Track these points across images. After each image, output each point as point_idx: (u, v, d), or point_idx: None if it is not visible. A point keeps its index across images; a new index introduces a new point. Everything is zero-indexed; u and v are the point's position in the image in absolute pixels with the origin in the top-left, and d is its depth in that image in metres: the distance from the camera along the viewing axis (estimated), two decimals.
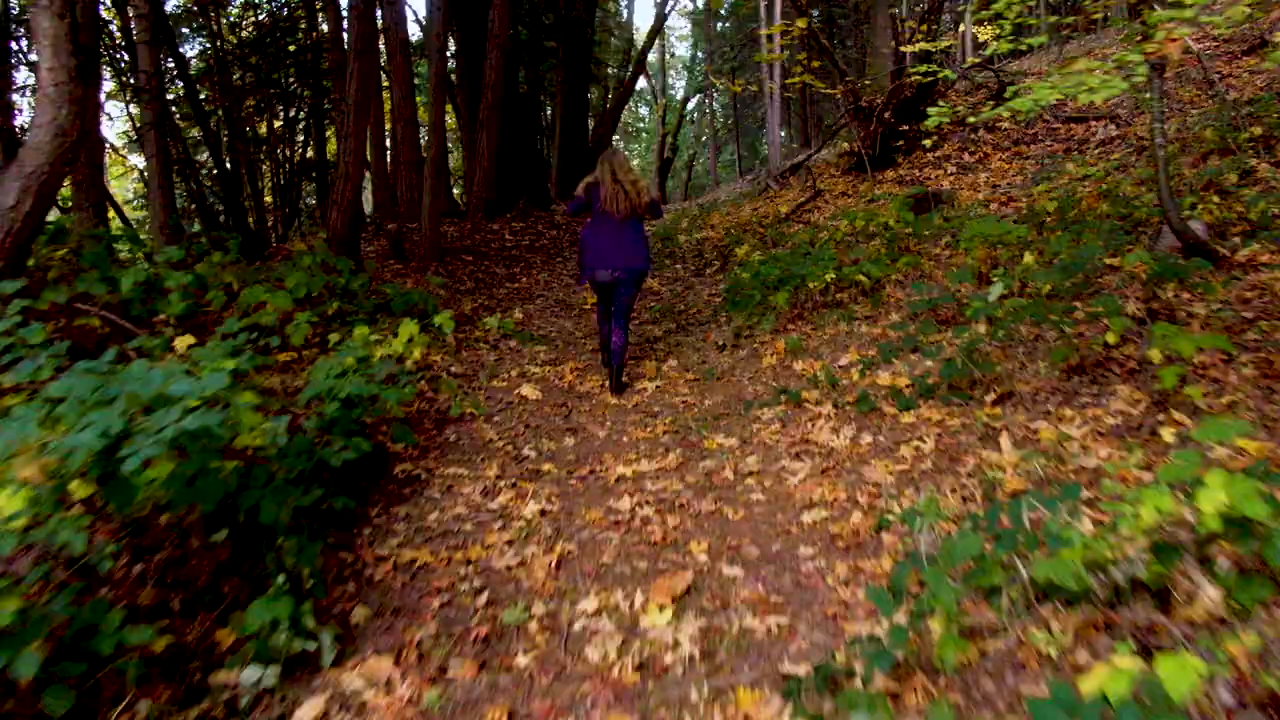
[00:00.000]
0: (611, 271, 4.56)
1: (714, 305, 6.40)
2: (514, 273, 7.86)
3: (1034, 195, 8.06)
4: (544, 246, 9.38)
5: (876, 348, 4.60)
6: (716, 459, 3.63)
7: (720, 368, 4.86)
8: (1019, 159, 10.44)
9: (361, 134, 5.79)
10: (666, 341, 5.53)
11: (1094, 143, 10.10)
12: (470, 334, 5.58)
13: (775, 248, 8.78)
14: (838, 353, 4.73)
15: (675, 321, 6.06)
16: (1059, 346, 3.69)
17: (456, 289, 6.77)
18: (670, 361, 5.06)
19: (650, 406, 4.41)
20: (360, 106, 5.78)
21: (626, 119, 33.29)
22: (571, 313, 6.56)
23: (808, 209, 10.67)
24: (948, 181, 10.34)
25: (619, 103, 19.87)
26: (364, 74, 5.81)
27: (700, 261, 8.36)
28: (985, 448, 3.27)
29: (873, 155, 11.08)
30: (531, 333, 5.70)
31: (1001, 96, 11.63)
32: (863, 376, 4.28)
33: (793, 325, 5.36)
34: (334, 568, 2.75)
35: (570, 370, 5.01)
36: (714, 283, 7.29)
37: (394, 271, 6.92)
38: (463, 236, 9.21)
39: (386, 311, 5.09)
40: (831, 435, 3.70)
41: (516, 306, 6.55)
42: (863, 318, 5.28)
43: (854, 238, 7.19)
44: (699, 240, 9.59)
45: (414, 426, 4.04)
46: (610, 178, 4.55)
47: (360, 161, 5.82)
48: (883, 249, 6.72)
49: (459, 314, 5.82)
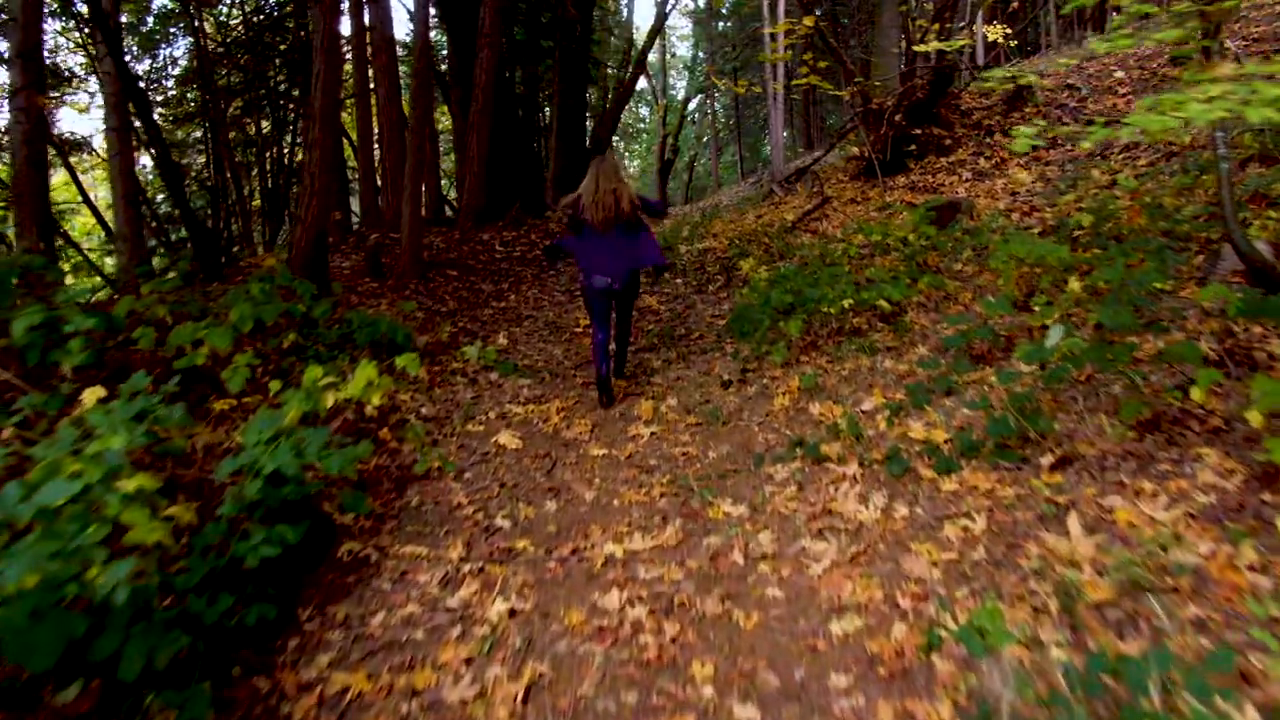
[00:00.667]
0: (607, 281, 4.41)
1: (718, 329, 5.80)
2: (501, 289, 7.26)
3: (1061, 206, 7.47)
4: (536, 258, 8.78)
5: (904, 389, 4.02)
6: (723, 534, 3.04)
7: (726, 409, 4.27)
8: (1038, 164, 9.84)
9: (328, 142, 5.21)
10: (665, 374, 4.93)
11: (1117, 147, 9.49)
12: (446, 366, 4.99)
13: (782, 260, 8.19)
14: (859, 393, 4.13)
15: (676, 348, 5.46)
16: (1128, 400, 3.10)
17: (436, 310, 6.17)
18: (669, 400, 4.47)
19: (646, 458, 3.82)
20: (326, 112, 5.19)
21: (627, 120, 32.69)
22: (562, 336, 5.97)
23: (815, 217, 10.08)
24: (963, 189, 9.74)
25: (618, 104, 19.25)
26: (330, 76, 5.21)
27: (702, 276, 7.77)
28: (1049, 531, 2.68)
29: (883, 160, 10.49)
30: (515, 363, 5.11)
31: (1021, 97, 11.06)
32: (891, 426, 3.69)
33: (806, 357, 4.77)
34: (243, 703, 2.16)
35: (556, 411, 4.42)
36: (717, 301, 6.70)
37: (369, 291, 6.33)
38: (449, 248, 8.61)
39: (350, 343, 4.50)
40: (859, 504, 3.11)
41: (501, 330, 5.95)
42: (885, 349, 4.69)
43: (869, 252, 6.59)
44: (701, 251, 9.00)
45: (371, 488, 3.45)
46: (592, 189, 4.40)
47: (327, 173, 5.24)
48: (901, 267, 6.13)
49: (435, 342, 5.23)
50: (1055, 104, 10.74)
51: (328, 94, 5.22)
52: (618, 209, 4.38)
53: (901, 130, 10.64)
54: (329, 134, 5.24)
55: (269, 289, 4.58)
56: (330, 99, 5.24)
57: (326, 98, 5.20)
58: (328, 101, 5.23)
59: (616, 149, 32.43)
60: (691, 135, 32.71)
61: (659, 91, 30.10)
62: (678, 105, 30.04)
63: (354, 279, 6.64)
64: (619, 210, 4.39)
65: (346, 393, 3.52)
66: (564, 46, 14.83)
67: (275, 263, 4.95)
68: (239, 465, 2.59)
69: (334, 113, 5.23)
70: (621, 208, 4.40)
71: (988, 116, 10.96)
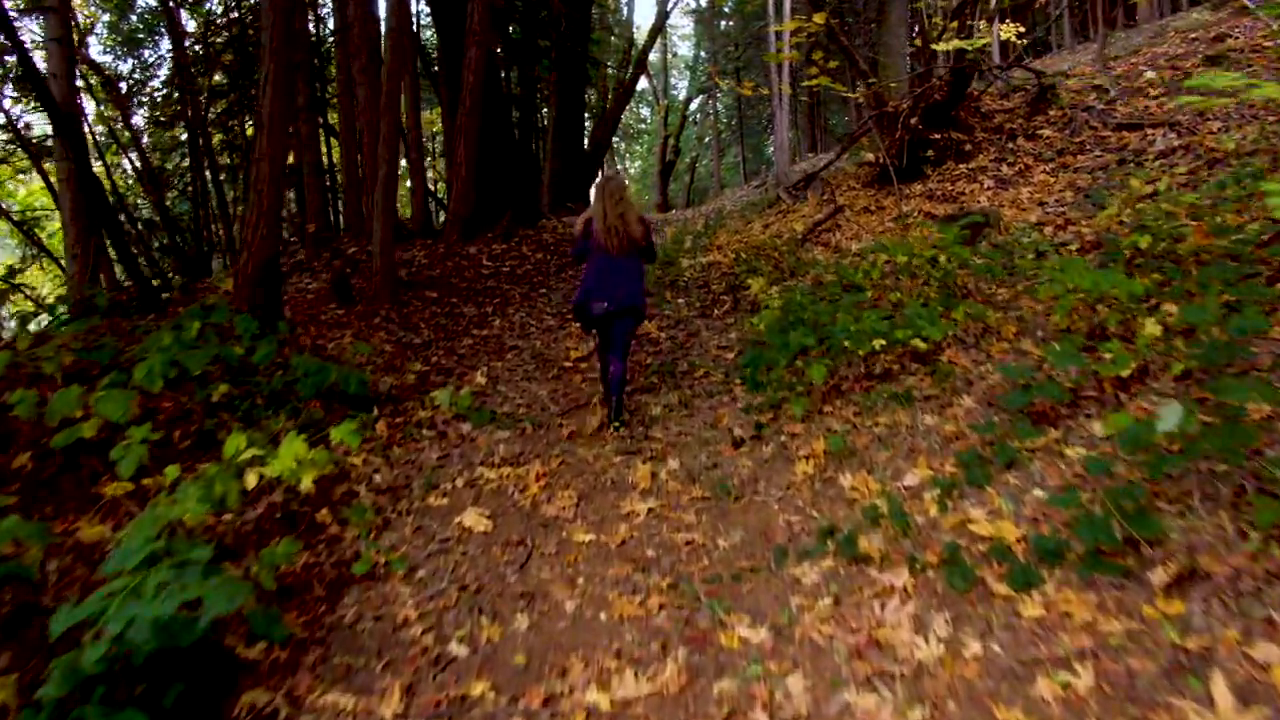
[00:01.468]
0: (606, 305, 4.24)
1: (725, 364, 5.08)
2: (485, 313, 6.53)
3: (1101, 220, 6.74)
4: (527, 274, 8.04)
5: (954, 456, 3.30)
6: (739, 675, 2.32)
7: (738, 477, 3.55)
8: (1065, 171, 9.11)
9: (278, 155, 4.48)
10: (666, 426, 4.20)
11: (1152, 154, 8.74)
12: (412, 415, 4.26)
13: (793, 277, 7.47)
14: (898, 460, 3.41)
15: (678, 390, 4.73)
16: (1264, 505, 2.37)
17: (408, 342, 5.45)
18: (670, 462, 3.75)
19: (642, 545, 3.10)
20: (276, 120, 4.47)
21: (627, 120, 31.96)
22: (549, 372, 5.24)
23: (827, 228, 9.35)
24: (986, 198, 9.01)
25: (619, 104, 18.53)
26: (281, 80, 4.49)
27: (706, 296, 7.04)
28: (1182, 693, 1.97)
29: (898, 166, 9.75)
30: (493, 410, 4.39)
31: (1045, 99, 10.32)
32: (943, 510, 2.97)
33: (830, 406, 4.04)
34: None
35: (536, 476, 3.69)
36: (724, 328, 5.97)
37: (333, 320, 5.60)
38: (432, 263, 7.88)
39: (293, 395, 3.78)
40: (915, 633, 2.39)
41: (481, 366, 5.23)
42: (923, 397, 3.96)
43: (891, 271, 5.86)
44: (705, 266, 8.27)
45: (296, 596, 2.73)
46: (602, 215, 4.26)
47: (276, 189, 4.52)
48: (931, 292, 5.40)
49: (401, 386, 4.51)
50: (1081, 106, 9.99)
51: (279, 100, 4.49)
52: (630, 233, 4.28)
53: (918, 134, 9.89)
54: (279, 146, 4.52)
55: (202, 328, 3.86)
56: (281, 106, 4.52)
57: (277, 105, 4.48)
58: (278, 109, 4.50)
59: (616, 150, 31.71)
60: (693, 136, 31.98)
61: (660, 92, 29.36)
62: (679, 106, 29.31)
63: (318, 305, 5.91)
64: (631, 235, 4.28)
65: (273, 470, 2.80)
66: (560, 45, 14.09)
67: (213, 297, 4.22)
68: (79, 617, 1.87)
69: (284, 123, 4.51)
70: (633, 232, 4.29)
71: (1009, 119, 10.21)
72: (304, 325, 5.30)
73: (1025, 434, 3.26)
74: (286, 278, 6.78)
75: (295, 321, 5.20)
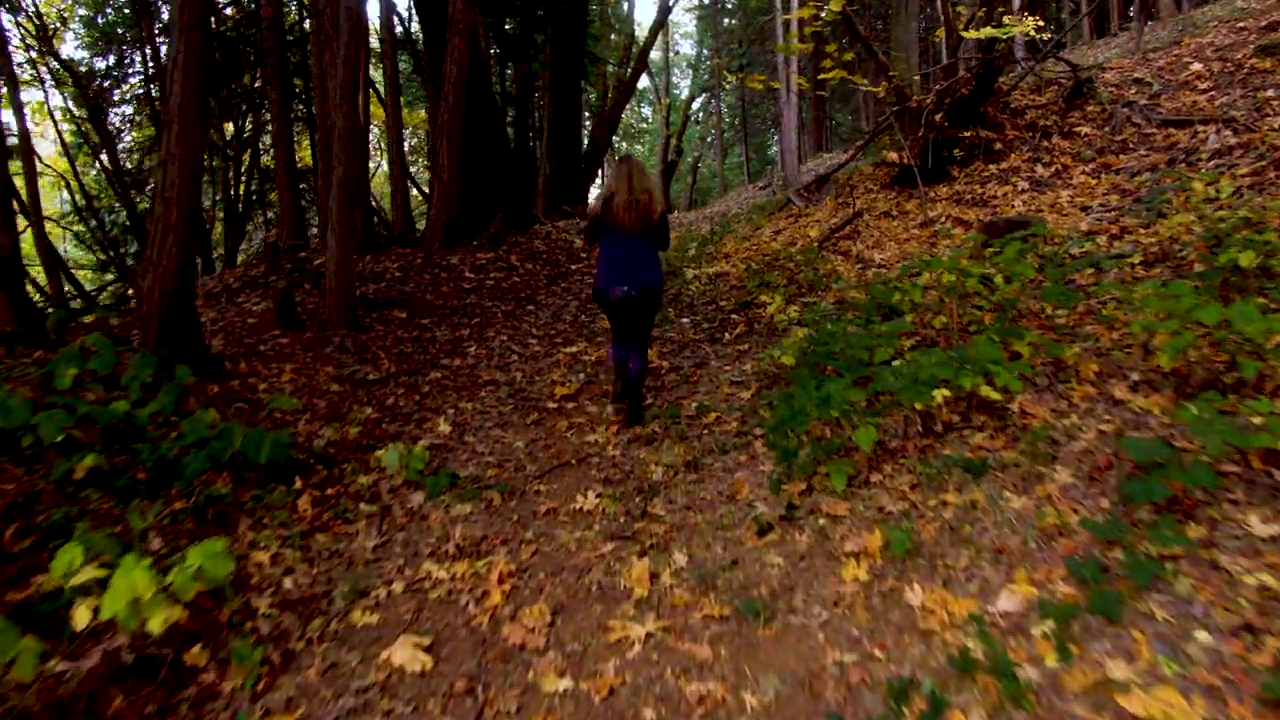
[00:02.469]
0: (627, 289, 4.01)
1: (741, 405, 4.17)
2: (460, 338, 5.62)
3: (1168, 228, 5.82)
4: (513, 288, 7.12)
5: (1064, 564, 2.39)
6: None
7: (766, 582, 2.64)
8: (1107, 172, 8.18)
9: (189, 157, 3.58)
10: (669, 499, 3.28)
11: (1205, 153, 7.80)
12: (349, 485, 3.35)
13: (811, 292, 6.56)
14: (982, 563, 2.50)
15: (684, 442, 3.82)
16: None
17: (361, 379, 4.52)
18: (676, 555, 2.83)
19: (637, 701, 2.19)
20: (188, 114, 3.56)
21: (628, 120, 31.03)
22: (529, 416, 4.32)
23: (845, 234, 8.44)
24: (1020, 202, 8.09)
25: (619, 103, 17.59)
26: (193, 62, 3.58)
27: (716, 314, 6.13)
28: None
29: (922, 167, 8.82)
30: (453, 473, 3.47)
31: (1081, 94, 9.38)
32: (1065, 660, 2.06)
33: (879, 475, 3.13)
34: None
35: (500, 576, 2.78)
36: (737, 355, 5.06)
37: (275, 351, 4.66)
38: (407, 275, 6.96)
39: (175, 474, 2.88)
40: None
41: (446, 410, 4.32)
42: (999, 465, 3.05)
43: (935, 293, 4.94)
44: (712, 279, 7.36)
45: None
46: (626, 184, 4.05)
47: (190, 197, 3.63)
48: (986, 317, 4.49)
49: (340, 441, 3.60)
50: (1122, 101, 9.05)
51: (191, 89, 3.58)
52: (651, 207, 4.06)
53: (943, 132, 8.96)
54: (193, 145, 3.61)
55: (79, 376, 2.95)
56: (193, 97, 3.61)
57: (189, 95, 3.57)
58: (190, 100, 3.59)
59: (617, 150, 30.80)
60: (695, 135, 31.05)
61: (662, 90, 28.43)
62: (681, 104, 28.39)
63: (260, 331, 4.99)
64: (650, 213, 4.06)
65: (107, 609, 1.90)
66: (557, 41, 13.16)
67: (93, 337, 3.27)
68: None
69: (198, 117, 3.59)
70: (652, 210, 4.07)
71: (1043, 116, 9.27)
72: (237, 358, 4.39)
73: (1160, 535, 2.35)
74: (234, 295, 5.89)
75: (225, 355, 4.30)
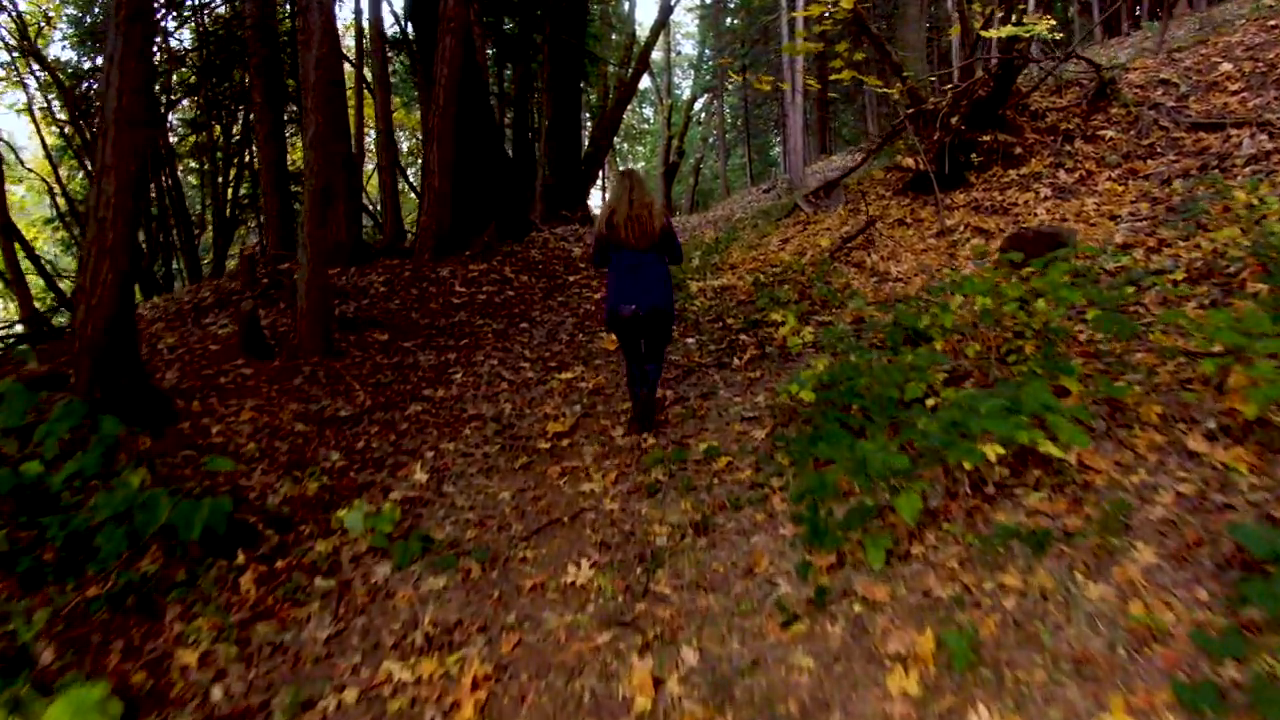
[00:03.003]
0: (635, 308, 3.92)
1: (755, 447, 3.70)
2: (446, 362, 5.13)
3: (1212, 243, 5.35)
4: (506, 303, 6.63)
5: (1169, 685, 1.92)
6: None
7: (794, 695, 2.16)
8: (1134, 178, 7.70)
9: (126, 170, 3.10)
10: (676, 571, 2.80)
11: (1239, 158, 7.32)
12: (305, 552, 2.88)
13: (825, 309, 6.08)
14: (1062, 679, 2.02)
15: (691, 494, 3.34)
16: None
17: (331, 416, 4.02)
18: (685, 653, 2.35)
19: None
20: (125, 121, 3.10)
21: (629, 121, 30.54)
22: (517, 459, 3.83)
23: (857, 244, 7.96)
24: (1043, 210, 7.60)
25: (620, 104, 17.10)
26: (133, 59, 3.11)
27: (723, 335, 5.65)
28: None
29: (938, 172, 8.34)
30: (427, 535, 3.00)
31: (1105, 95, 8.89)
32: None
33: (922, 547, 2.66)
34: None
35: (475, 681, 2.30)
36: (748, 384, 4.58)
37: (236, 383, 4.17)
38: (393, 289, 6.46)
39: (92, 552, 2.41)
40: None
41: (424, 454, 3.83)
42: (1062, 536, 2.58)
43: (969, 318, 4.46)
44: (718, 292, 6.88)
45: None
46: (626, 199, 3.97)
47: (128, 217, 3.15)
48: (1028, 346, 4.01)
49: (298, 498, 3.12)
50: (1149, 103, 8.56)
51: (131, 90, 3.11)
52: (651, 225, 3.97)
53: (960, 136, 8.48)
54: (130, 156, 3.14)
55: None
56: (134, 99, 3.14)
57: (128, 97, 3.10)
58: (131, 103, 3.12)
59: (618, 151, 30.31)
60: (697, 136, 30.56)
61: (663, 91, 27.94)
62: (683, 105, 27.90)
63: (223, 360, 4.49)
64: (652, 227, 3.97)
65: None
66: (556, 39, 12.68)
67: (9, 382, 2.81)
68: None
69: (137, 124, 3.12)
70: (655, 224, 3.98)
71: (1064, 119, 8.78)
72: (193, 394, 3.91)
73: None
74: (202, 315, 5.41)
75: (180, 390, 3.83)
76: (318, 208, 4.49)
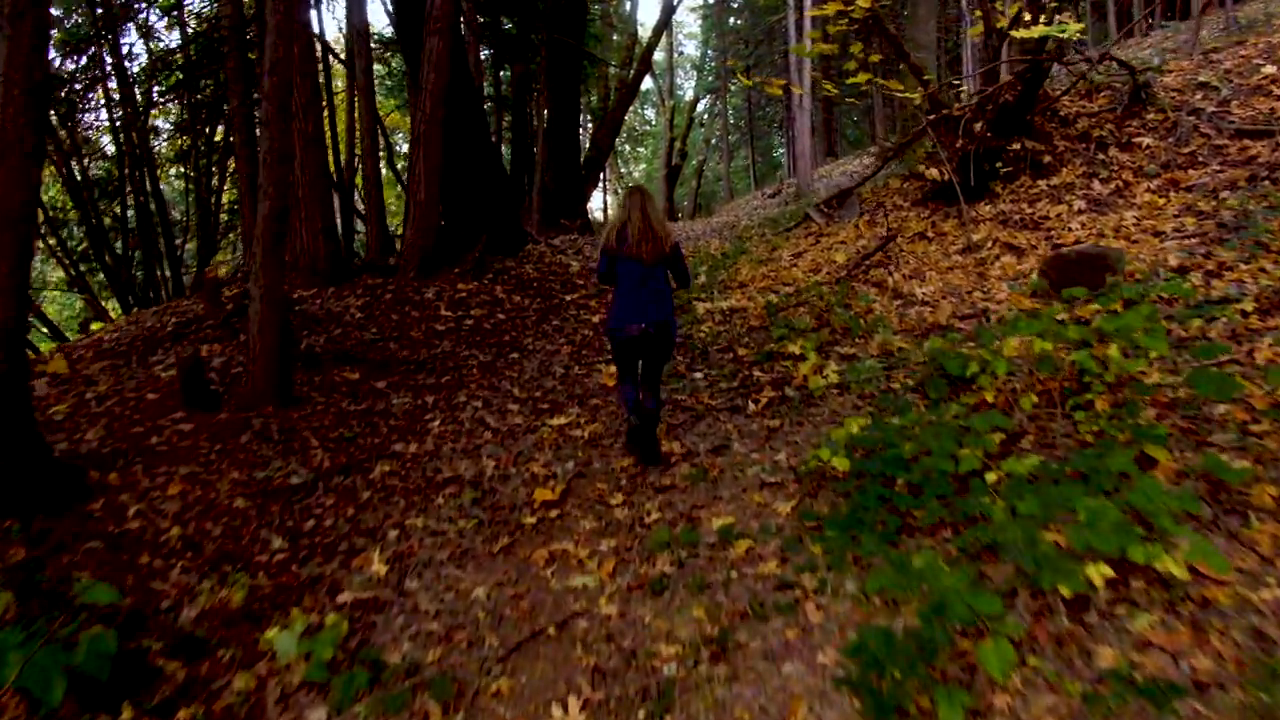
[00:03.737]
0: (641, 326, 3.80)
1: (780, 524, 3.08)
2: (424, 405, 4.50)
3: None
4: (496, 329, 6.01)
5: None
6: None
7: None
8: (1176, 190, 7.08)
9: (16, 193, 2.48)
10: (689, 717, 2.20)
11: None
12: (217, 697, 2.27)
13: (847, 338, 5.47)
14: None
15: (705, 593, 2.73)
16: None
17: (280, 485, 3.38)
18: None
19: None
20: (12, 134, 2.49)
21: (631, 122, 29.87)
22: (498, 540, 3.21)
23: (875, 261, 7.34)
24: (1078, 224, 6.98)
25: (621, 105, 16.49)
26: (20, 57, 2.51)
27: (734, 369, 5.04)
28: None
29: (963, 183, 7.72)
30: (377, 660, 2.38)
31: (1139, 99, 8.26)
32: None
33: (1005, 695, 2.05)
34: None
35: None
36: (767, 436, 3.96)
37: (172, 442, 3.54)
38: (371, 314, 5.84)
39: None
40: None
41: (386, 534, 3.21)
42: (1191, 686, 1.97)
43: (1030, 374, 3.83)
44: (726, 314, 6.27)
45: None
46: (640, 213, 3.88)
47: (19, 249, 2.55)
48: (1104, 405, 3.39)
49: (219, 610, 2.51)
50: (1187, 108, 7.92)
51: (14, 99, 2.50)
52: (663, 241, 3.91)
53: (985, 143, 7.85)
54: (20, 175, 2.53)
55: None
56: (17, 109, 2.53)
57: (11, 108, 2.49)
58: (15, 113, 2.51)
59: (620, 153, 29.69)
60: (699, 138, 29.92)
61: (666, 92, 27.30)
62: (685, 106, 27.27)
63: (160, 414, 3.84)
64: (664, 243, 3.90)
65: None
66: (553, 42, 12.05)
67: None
68: None
69: (29, 137, 2.53)
70: (668, 242, 3.92)
71: (1096, 125, 8.15)
72: (115, 460, 3.30)
73: None
74: (150, 351, 4.78)
75: (101, 454, 3.22)
76: (272, 234, 3.87)
